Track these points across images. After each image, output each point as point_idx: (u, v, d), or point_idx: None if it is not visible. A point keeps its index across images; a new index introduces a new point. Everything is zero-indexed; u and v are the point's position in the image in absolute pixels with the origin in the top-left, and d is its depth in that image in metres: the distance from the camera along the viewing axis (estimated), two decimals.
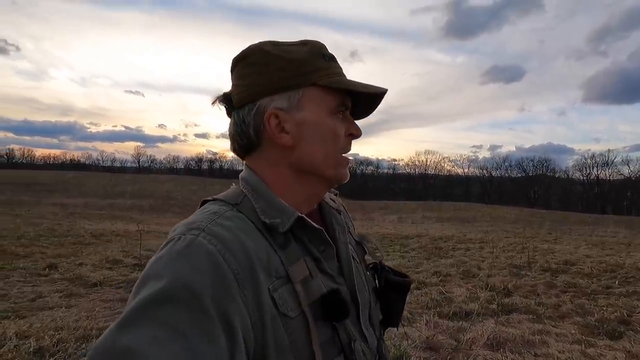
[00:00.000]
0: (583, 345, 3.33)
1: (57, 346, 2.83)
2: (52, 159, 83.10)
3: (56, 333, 3.04)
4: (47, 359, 2.64)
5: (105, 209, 26.16)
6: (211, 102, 0.60)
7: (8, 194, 29.78)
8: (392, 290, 0.66)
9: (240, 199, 0.55)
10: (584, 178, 54.90)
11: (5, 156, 75.91)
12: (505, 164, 62.33)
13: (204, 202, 0.57)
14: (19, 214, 18.65)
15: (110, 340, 0.39)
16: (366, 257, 0.69)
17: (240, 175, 0.59)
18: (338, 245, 0.60)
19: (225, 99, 0.59)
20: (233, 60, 0.59)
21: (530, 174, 58.77)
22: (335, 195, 0.71)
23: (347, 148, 0.59)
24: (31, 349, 2.72)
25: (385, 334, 0.70)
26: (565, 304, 4.83)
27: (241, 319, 0.45)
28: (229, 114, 0.60)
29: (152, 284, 0.42)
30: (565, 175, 57.90)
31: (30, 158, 78.93)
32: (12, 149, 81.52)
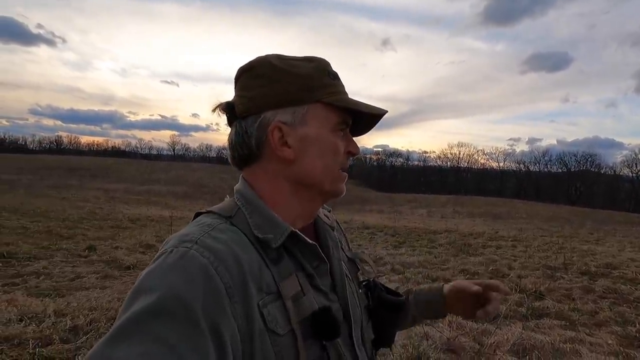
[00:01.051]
0: (620, 358, 3.11)
1: (90, 325, 3.01)
2: (95, 145, 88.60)
3: (90, 313, 3.24)
4: (81, 337, 2.82)
5: (142, 195, 27.53)
6: (211, 109, 0.59)
7: (56, 178, 32.06)
8: (384, 309, 0.65)
9: (234, 212, 0.55)
10: (634, 175, 50.95)
11: (54, 143, 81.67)
12: (545, 158, 59.14)
13: (198, 215, 0.57)
14: (65, 197, 20.05)
15: (100, 354, 0.39)
16: (359, 274, 0.68)
17: (235, 187, 0.59)
18: (332, 261, 0.60)
19: (227, 108, 0.59)
20: (239, 70, 0.59)
21: (573, 170, 55.35)
22: (329, 211, 0.71)
23: (345, 165, 0.60)
24: (67, 327, 2.92)
25: (377, 354, 0.68)
26: (603, 311, 4.53)
27: (231, 333, 0.45)
28: (230, 123, 0.60)
29: (145, 297, 0.42)
30: (612, 172, 54.03)
31: (76, 145, 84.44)
32: (61, 136, 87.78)
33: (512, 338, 3.21)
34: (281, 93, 0.55)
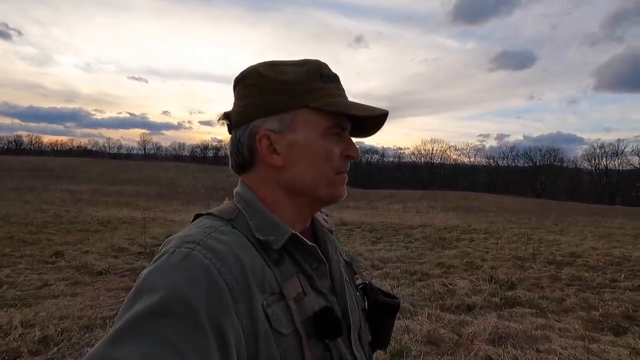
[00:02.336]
0: (586, 341, 3.30)
1: (61, 335, 2.87)
2: (59, 145, 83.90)
3: (61, 322, 3.08)
4: (52, 348, 2.69)
5: (112, 196, 26.42)
6: (217, 119, 0.62)
7: (17, 181, 30.20)
8: (381, 312, 0.66)
9: (234, 215, 0.56)
10: (593, 168, 54.17)
11: (13, 143, 76.78)
12: (513, 153, 61.70)
13: (197, 216, 0.58)
14: (28, 200, 18.92)
15: (101, 354, 0.39)
16: (355, 277, 0.70)
17: (235, 190, 0.60)
18: (331, 263, 0.61)
19: (227, 117, 0.61)
20: (234, 80, 0.61)
21: (538, 164, 58.12)
22: (327, 215, 0.72)
23: (343, 168, 0.59)
24: (36, 338, 2.77)
25: (374, 356, 0.70)
26: (569, 298, 4.80)
27: (234, 333, 0.45)
28: (230, 131, 0.61)
29: (147, 296, 0.42)
30: (574, 165, 57.17)
31: (38, 144, 79.78)
32: (20, 136, 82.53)
33: (488, 328, 3.34)
34: (268, 101, 0.56)
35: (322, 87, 0.56)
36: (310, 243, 0.56)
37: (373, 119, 0.60)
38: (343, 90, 0.60)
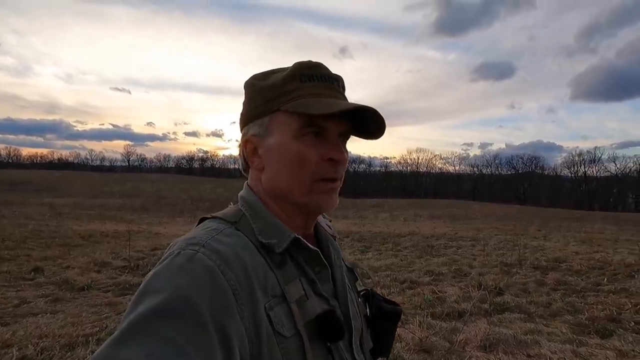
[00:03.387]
0: (574, 345, 3.35)
1: (41, 354, 2.74)
2: (39, 158, 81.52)
3: (40, 341, 2.95)
4: None
5: (94, 209, 25.73)
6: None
7: None
8: (383, 318, 0.67)
9: (239, 218, 0.56)
10: (572, 175, 55.83)
11: None
12: (496, 161, 63.13)
13: (202, 220, 0.58)
14: (5, 214, 18.23)
15: (106, 354, 0.38)
16: (357, 284, 0.69)
17: (240, 194, 0.61)
18: (333, 268, 0.61)
19: None
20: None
21: (520, 172, 59.55)
22: (330, 221, 0.73)
23: (326, 174, 0.55)
24: (14, 359, 2.63)
25: None
26: (556, 302, 4.88)
27: (238, 334, 0.45)
28: None
29: (152, 297, 0.42)
30: (554, 173, 58.80)
31: (17, 157, 77.37)
32: None
33: (479, 334, 3.35)
34: (252, 108, 0.59)
35: (297, 88, 0.55)
36: (313, 247, 0.57)
37: (370, 116, 0.55)
38: (330, 88, 0.57)
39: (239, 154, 0.63)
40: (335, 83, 0.58)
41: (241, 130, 0.62)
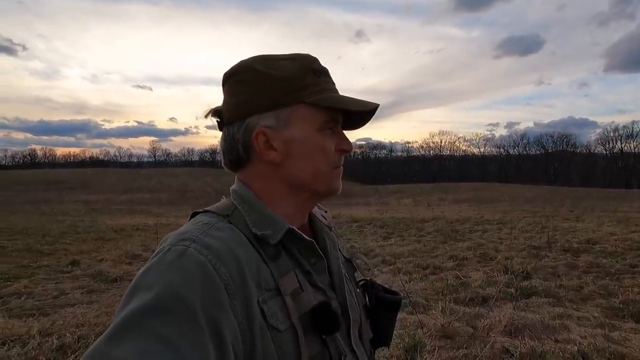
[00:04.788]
0: (607, 329, 3.22)
1: (78, 343, 2.91)
2: (72, 157, 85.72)
3: (77, 330, 3.13)
4: (69, 356, 2.72)
5: (125, 204, 26.88)
6: (204, 115, 0.61)
7: (33, 194, 30.94)
8: (383, 308, 0.66)
9: (231, 211, 0.55)
10: (607, 152, 52.94)
11: (28, 157, 78.68)
12: (523, 141, 60.75)
13: (195, 214, 0.58)
14: (44, 212, 19.37)
15: (99, 352, 0.38)
16: (356, 274, 0.69)
17: (232, 188, 0.60)
18: (329, 259, 0.61)
19: (217, 114, 0.60)
20: (224, 76, 0.60)
21: (550, 151, 57.04)
22: (325, 212, 0.72)
23: (339, 162, 0.59)
24: (54, 347, 2.81)
25: (376, 353, 0.68)
26: (587, 286, 4.69)
27: (231, 329, 0.45)
28: (220, 128, 0.60)
29: (143, 294, 0.42)
30: (587, 150, 55.93)
31: (52, 157, 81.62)
32: (34, 150, 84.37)
33: (504, 319, 3.28)
34: (263, 98, 0.55)
35: (316, 82, 0.56)
36: (307, 238, 0.56)
37: (361, 113, 0.60)
38: (334, 84, 0.60)
39: (230, 148, 0.58)
40: (331, 78, 0.60)
41: (233, 120, 0.57)
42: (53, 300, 4.27)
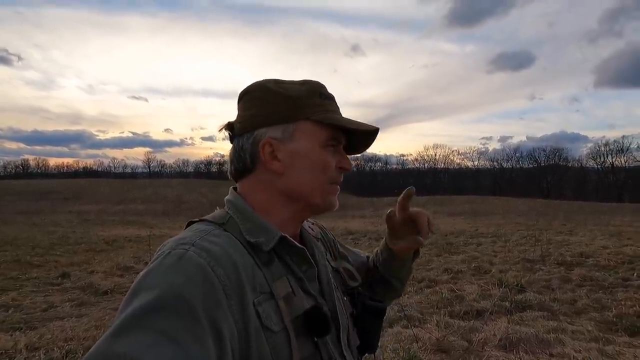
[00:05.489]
0: (601, 343, 3.22)
1: (66, 357, 2.85)
2: (65, 167, 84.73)
3: (66, 344, 3.07)
4: None
5: (118, 215, 26.57)
6: (218, 129, 0.66)
7: (25, 204, 30.51)
8: (369, 315, 0.68)
9: (226, 220, 0.58)
10: (599, 166, 53.64)
11: (20, 167, 77.86)
12: (517, 154, 61.38)
13: (190, 223, 0.60)
14: (35, 222, 19.07)
15: (105, 347, 0.40)
16: (342, 283, 0.71)
17: (226, 198, 0.63)
18: (319, 267, 0.63)
19: (229, 127, 0.65)
20: (240, 93, 0.65)
21: (543, 164, 57.69)
22: (313, 223, 0.75)
23: (337, 179, 0.63)
24: None
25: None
26: (581, 299, 4.70)
27: (228, 328, 0.47)
28: (231, 140, 0.65)
29: (146, 294, 0.44)
30: (579, 164, 56.68)
31: (45, 167, 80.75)
32: (27, 160, 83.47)
33: (498, 333, 3.27)
34: (272, 112, 0.60)
35: (322, 103, 0.62)
36: (299, 245, 0.59)
37: (364, 136, 0.65)
38: (338, 108, 0.65)
39: (238, 157, 0.62)
40: (336, 103, 0.66)
41: (244, 131, 0.61)
42: (41, 313, 4.18)
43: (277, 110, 0.60)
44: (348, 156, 0.66)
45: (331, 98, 0.64)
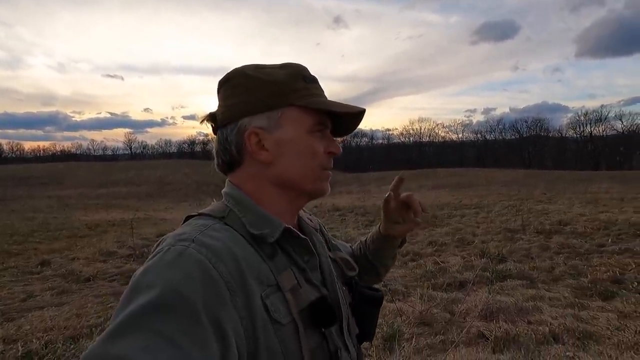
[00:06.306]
0: (576, 309, 3.35)
1: (46, 348, 2.78)
2: (41, 151, 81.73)
3: (45, 334, 3.00)
4: None
5: (101, 198, 26.00)
6: (199, 121, 0.64)
7: (1, 190, 29.45)
8: (366, 304, 0.69)
9: (226, 213, 0.57)
10: (578, 136, 54.98)
11: None
12: (499, 126, 62.20)
13: (188, 218, 0.59)
14: (14, 209, 18.49)
15: (101, 349, 0.39)
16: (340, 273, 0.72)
17: (223, 191, 0.62)
18: (320, 258, 0.64)
19: (212, 118, 0.63)
20: (218, 83, 0.63)
21: (524, 135, 58.74)
22: (310, 215, 0.75)
23: (328, 164, 0.62)
24: (19, 354, 2.68)
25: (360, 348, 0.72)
26: (558, 267, 4.87)
27: (233, 325, 0.46)
28: (214, 132, 0.63)
29: (145, 292, 0.43)
30: (559, 134, 57.92)
31: (20, 152, 77.67)
32: (1, 144, 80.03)
33: (479, 304, 3.35)
34: (255, 100, 0.58)
35: (305, 87, 0.60)
36: (302, 236, 0.59)
37: (350, 118, 0.63)
38: (322, 90, 0.63)
39: (223, 149, 0.60)
40: (320, 85, 0.63)
41: (227, 122, 0.59)
42: (20, 303, 4.07)
43: (260, 98, 0.58)
44: (335, 139, 0.65)
45: (315, 81, 0.62)
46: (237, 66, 0.62)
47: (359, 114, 0.62)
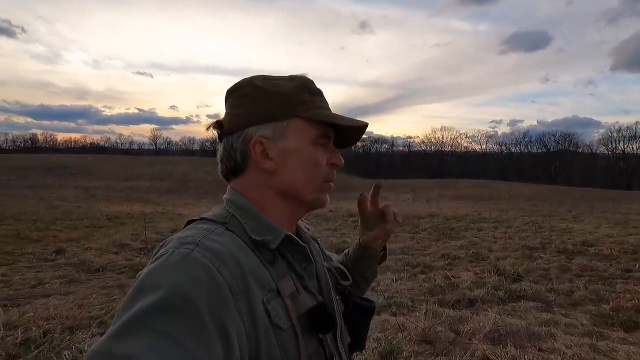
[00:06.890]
0: (594, 339, 3.10)
1: (44, 337, 2.82)
2: (73, 143, 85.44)
3: (46, 323, 3.04)
4: (32, 351, 2.63)
5: (125, 191, 26.83)
6: (206, 128, 0.65)
7: (34, 179, 30.90)
8: (360, 314, 0.70)
9: (228, 219, 0.58)
10: (609, 153, 52.45)
11: (29, 141, 78.64)
12: (526, 139, 60.21)
13: (190, 222, 0.59)
14: (43, 197, 19.32)
15: (106, 348, 0.39)
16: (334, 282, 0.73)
17: (225, 197, 0.63)
18: (317, 266, 0.64)
19: (219, 126, 0.64)
20: (227, 92, 0.64)
21: (552, 150, 56.58)
22: (308, 224, 0.76)
23: (330, 176, 0.63)
24: (18, 341, 2.72)
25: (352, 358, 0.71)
26: (579, 290, 4.57)
27: (236, 329, 0.46)
28: (220, 139, 0.64)
29: (149, 295, 0.43)
30: (589, 150, 55.45)
31: (53, 142, 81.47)
32: (36, 134, 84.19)
33: (488, 325, 3.16)
34: (262, 110, 0.60)
35: (311, 100, 0.61)
36: (302, 243, 0.60)
37: (353, 131, 0.65)
38: (327, 103, 0.65)
39: (228, 156, 0.61)
40: (325, 98, 0.65)
41: (233, 130, 0.60)
42: (29, 290, 4.18)
43: (267, 109, 0.59)
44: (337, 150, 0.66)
45: (320, 93, 0.64)
46: (248, 76, 0.64)
47: (362, 127, 0.64)
